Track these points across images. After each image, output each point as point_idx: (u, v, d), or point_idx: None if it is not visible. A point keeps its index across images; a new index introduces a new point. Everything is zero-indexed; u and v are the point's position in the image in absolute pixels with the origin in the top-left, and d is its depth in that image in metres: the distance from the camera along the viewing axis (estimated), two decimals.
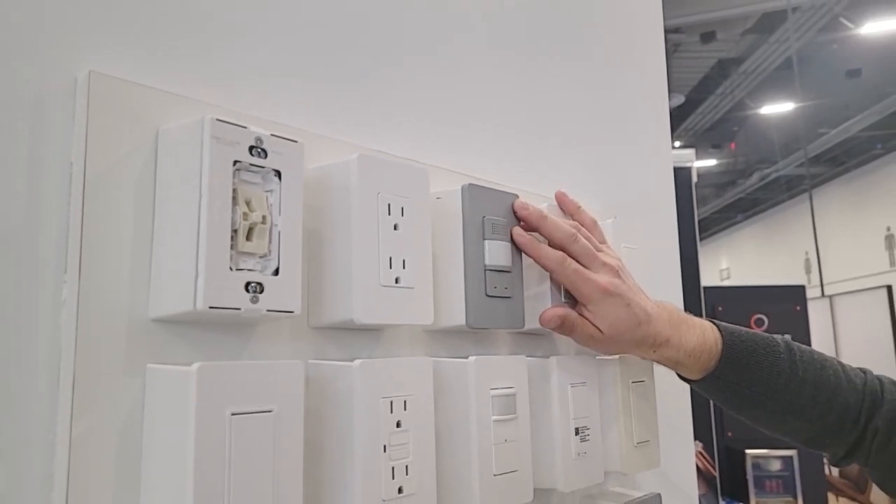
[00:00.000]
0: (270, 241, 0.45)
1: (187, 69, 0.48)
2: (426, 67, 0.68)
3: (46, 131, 0.41)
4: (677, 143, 10.44)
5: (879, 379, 0.72)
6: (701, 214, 12.43)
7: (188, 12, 0.49)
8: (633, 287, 0.68)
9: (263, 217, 0.44)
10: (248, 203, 0.44)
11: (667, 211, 1.02)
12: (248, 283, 0.43)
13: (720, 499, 4.13)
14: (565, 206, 0.71)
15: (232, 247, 0.43)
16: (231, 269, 0.42)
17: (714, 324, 0.71)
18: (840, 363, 0.72)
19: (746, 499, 5.24)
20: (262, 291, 0.44)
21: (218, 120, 0.42)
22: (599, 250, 0.68)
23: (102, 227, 0.42)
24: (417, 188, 0.55)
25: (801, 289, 5.69)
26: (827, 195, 10.28)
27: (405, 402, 0.51)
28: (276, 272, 0.45)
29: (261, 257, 0.44)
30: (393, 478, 0.50)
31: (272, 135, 0.45)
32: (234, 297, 0.42)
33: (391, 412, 0.50)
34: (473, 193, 0.60)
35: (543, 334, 0.70)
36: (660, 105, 1.04)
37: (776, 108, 9.10)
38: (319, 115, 0.57)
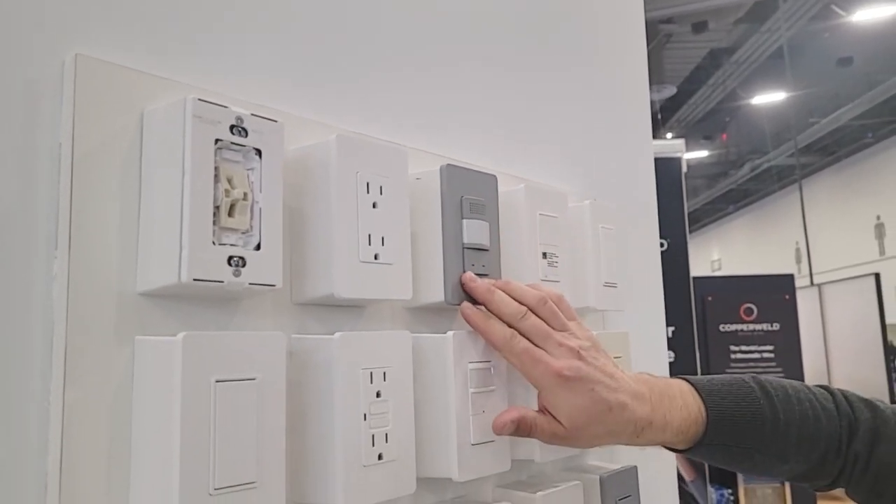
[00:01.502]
0: (252, 217, 0.47)
1: (173, 52, 0.50)
2: (408, 52, 0.69)
3: (37, 113, 0.43)
4: (669, 135, 10.48)
5: (847, 398, 0.68)
6: (692, 206, 12.47)
7: None
8: (603, 368, 0.60)
9: (245, 194, 0.46)
10: (229, 180, 0.46)
11: (646, 196, 1.04)
12: (230, 258, 0.45)
13: (708, 485, 4.18)
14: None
15: (215, 222, 0.45)
16: (214, 243, 0.44)
17: (690, 384, 0.65)
18: (809, 389, 0.68)
19: (735, 485, 5.30)
20: (244, 265, 0.46)
21: (199, 100, 0.44)
22: (563, 328, 0.61)
23: (90, 204, 0.44)
24: (396, 168, 0.57)
25: (789, 278, 5.74)
26: (818, 185, 10.33)
27: (384, 373, 0.54)
28: (258, 247, 0.47)
29: (243, 233, 0.46)
30: (373, 445, 0.52)
31: (252, 114, 0.47)
32: (216, 270, 0.44)
33: (371, 382, 0.53)
34: (451, 174, 0.62)
35: None
36: (640, 89, 1.06)
37: (768, 98, 9.13)
38: (303, 98, 0.59)
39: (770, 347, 5.61)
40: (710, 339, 5.68)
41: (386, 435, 0.53)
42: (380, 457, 0.52)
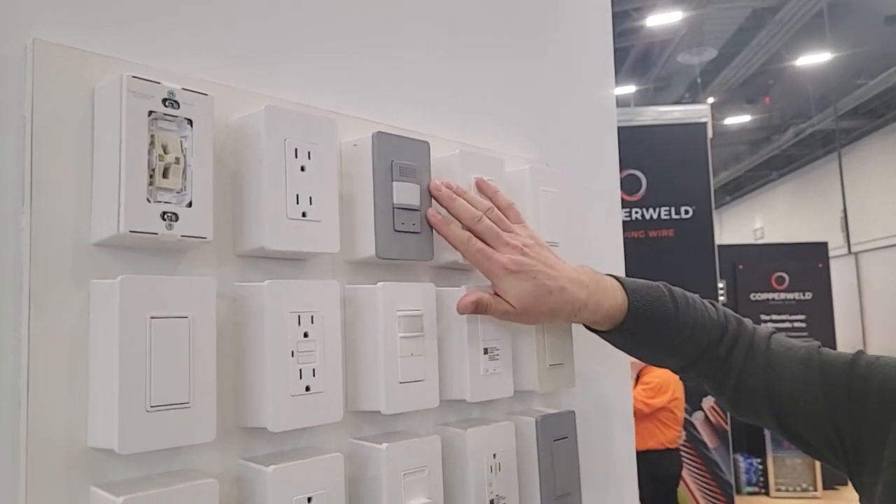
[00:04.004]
0: (185, 179, 0.55)
1: (122, 34, 0.58)
2: (360, 21, 0.76)
3: (4, 91, 0.52)
4: (710, 99, 10.26)
5: (725, 314, 0.82)
6: (735, 173, 12.23)
7: None
8: (545, 260, 0.74)
9: (177, 158, 0.54)
10: (164, 147, 0.54)
11: (609, 160, 1.09)
12: (163, 213, 0.53)
13: (731, 453, 4.22)
14: (484, 190, 0.78)
15: (151, 183, 0.53)
16: (149, 200, 0.52)
17: (619, 282, 0.79)
18: (703, 303, 0.82)
19: (763, 454, 5.31)
20: (176, 220, 0.54)
21: (134, 77, 0.52)
22: (508, 230, 0.74)
23: (50, 168, 0.52)
24: (325, 135, 0.64)
25: (823, 246, 5.66)
26: (864, 150, 10.00)
27: (312, 316, 0.62)
28: (190, 204, 0.55)
29: (177, 192, 0.54)
30: (300, 378, 0.60)
31: (184, 88, 0.55)
32: (150, 223, 0.52)
33: (299, 325, 0.61)
34: (382, 140, 0.69)
35: (463, 269, 0.79)
36: (603, 56, 1.10)
37: (812, 60, 8.85)
38: (254, 72, 0.66)
39: (802, 317, 5.56)
40: (741, 307, 5.65)
41: (313, 370, 0.61)
42: (307, 388, 0.61)
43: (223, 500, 0.58)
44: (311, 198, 0.62)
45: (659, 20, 8.29)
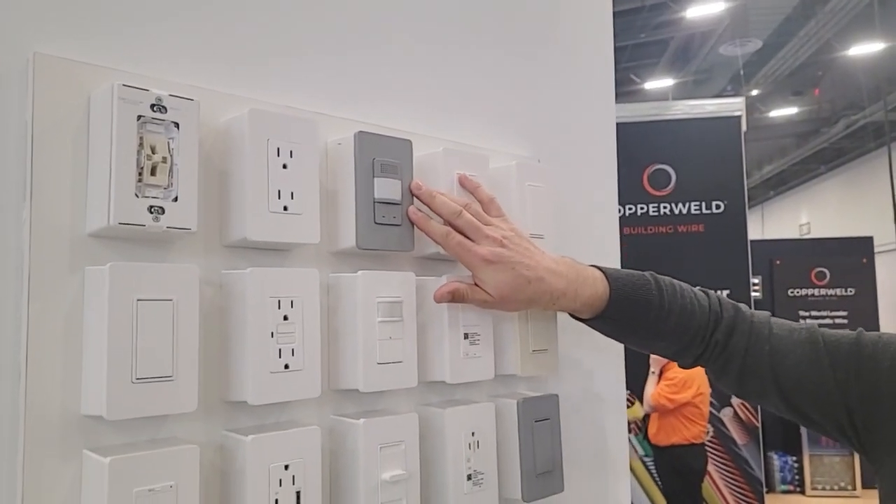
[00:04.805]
0: (171, 176, 0.60)
1: (116, 46, 0.64)
2: (352, 23, 0.81)
3: (9, 98, 0.58)
4: (754, 92, 10.05)
5: (719, 300, 0.85)
6: (780, 166, 11.95)
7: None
8: (523, 252, 0.78)
9: (164, 158, 0.60)
10: (152, 147, 0.60)
11: (606, 157, 1.12)
12: (151, 207, 0.59)
13: (763, 450, 4.16)
14: (465, 185, 0.82)
15: (139, 180, 0.59)
16: (137, 195, 0.58)
17: (601, 271, 0.82)
18: (693, 290, 0.85)
19: (799, 452, 5.21)
20: (163, 213, 0.59)
21: (124, 85, 0.58)
22: (488, 223, 0.78)
23: (48, 166, 0.58)
24: (306, 135, 0.69)
25: (868, 240, 5.52)
26: None
27: (292, 301, 0.67)
28: (176, 199, 0.60)
29: (164, 188, 0.60)
30: (280, 357, 0.66)
31: (171, 95, 0.60)
32: (138, 216, 0.58)
33: (279, 308, 0.66)
34: (364, 139, 0.73)
35: (445, 260, 0.84)
36: (603, 53, 1.13)
37: (865, 49, 8.59)
38: (240, 79, 0.72)
39: (843, 313, 5.43)
40: (778, 303, 5.55)
41: (292, 350, 0.66)
42: (286, 366, 0.66)
43: (208, 468, 0.64)
44: (292, 193, 0.67)
45: (700, 11, 8.17)
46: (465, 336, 0.81)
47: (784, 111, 10.58)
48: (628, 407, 3.76)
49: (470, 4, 0.95)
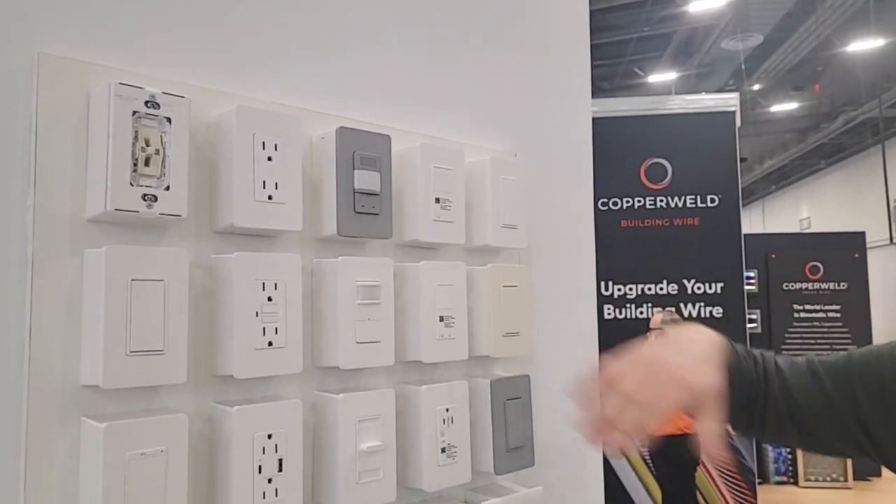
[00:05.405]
0: (164, 167, 0.66)
1: (116, 47, 0.69)
2: (335, 25, 0.86)
3: (16, 94, 0.63)
4: (756, 87, 10.06)
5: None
6: (781, 161, 11.95)
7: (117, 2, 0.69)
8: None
9: (157, 150, 0.65)
10: (146, 140, 0.65)
11: (582, 151, 1.17)
12: (144, 195, 0.64)
13: (754, 441, 4.20)
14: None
15: (134, 170, 0.64)
16: (132, 184, 0.64)
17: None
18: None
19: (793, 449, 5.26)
20: (155, 200, 0.65)
21: (120, 83, 0.63)
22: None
23: (50, 157, 0.64)
24: (290, 129, 0.74)
25: (860, 235, 5.55)
26: None
27: (276, 283, 0.72)
28: (168, 188, 0.66)
29: (157, 178, 0.65)
30: (264, 335, 0.71)
31: (164, 92, 0.66)
32: (133, 203, 0.63)
33: (263, 290, 0.71)
34: (344, 133, 0.79)
35: (420, 247, 0.89)
36: (579, 48, 1.18)
37: (865, 45, 8.61)
38: (231, 77, 0.77)
39: (836, 307, 5.47)
40: (773, 297, 5.59)
41: (276, 329, 0.72)
42: (270, 344, 0.71)
43: (197, 436, 0.69)
44: (276, 183, 0.73)
45: (702, 5, 8.18)
46: (441, 319, 0.86)
47: (785, 106, 10.59)
48: None
49: (449, 5, 1.00)
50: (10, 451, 0.61)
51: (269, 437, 0.70)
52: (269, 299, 0.72)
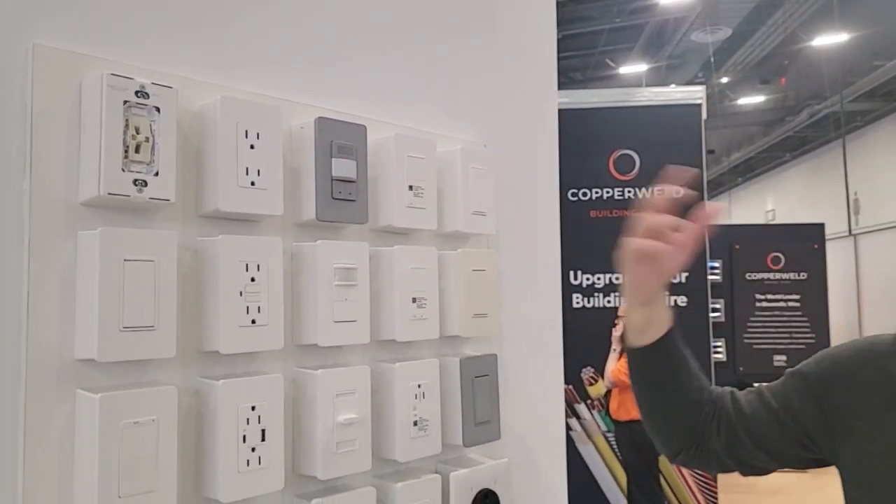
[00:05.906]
0: (153, 154, 0.70)
1: (108, 38, 0.73)
2: (314, 20, 0.90)
3: (12, 84, 0.67)
4: (724, 79, 10.24)
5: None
6: (747, 154, 12.18)
7: None
8: None
9: (147, 138, 0.69)
10: (137, 128, 0.69)
11: (549, 145, 1.22)
12: (135, 180, 0.68)
13: None
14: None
15: (125, 157, 0.68)
16: (123, 170, 0.68)
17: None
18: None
19: None
20: (146, 186, 0.69)
21: (112, 74, 0.67)
22: None
23: (45, 144, 0.67)
24: (271, 119, 0.79)
25: (819, 227, 5.73)
26: (882, 132, 9.92)
27: (258, 265, 0.77)
28: (157, 174, 0.70)
29: (147, 164, 0.69)
30: (247, 313, 0.76)
31: (153, 83, 0.70)
32: (124, 187, 0.67)
33: (246, 271, 0.76)
34: (323, 123, 0.83)
35: (394, 232, 0.94)
36: (546, 42, 1.23)
37: (829, 40, 8.79)
38: (216, 68, 0.81)
39: (796, 297, 5.65)
40: (736, 286, 5.76)
41: (258, 308, 0.76)
42: (253, 321, 0.76)
43: (185, 409, 0.74)
44: (258, 170, 0.77)
45: None
46: (414, 300, 0.91)
47: (752, 99, 10.79)
48: (591, 385, 3.90)
49: (422, 3, 1.05)
50: (10, 422, 0.65)
51: (253, 408, 0.75)
52: (252, 280, 0.76)
